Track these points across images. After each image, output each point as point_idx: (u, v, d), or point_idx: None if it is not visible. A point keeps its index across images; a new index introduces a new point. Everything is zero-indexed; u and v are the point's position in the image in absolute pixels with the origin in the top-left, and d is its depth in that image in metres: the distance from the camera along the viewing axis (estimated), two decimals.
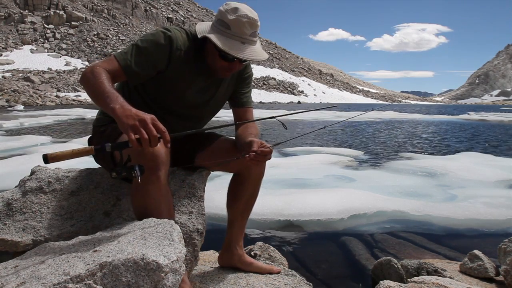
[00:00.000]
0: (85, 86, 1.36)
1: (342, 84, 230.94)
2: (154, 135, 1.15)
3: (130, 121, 1.17)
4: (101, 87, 1.29)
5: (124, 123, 1.17)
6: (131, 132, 1.15)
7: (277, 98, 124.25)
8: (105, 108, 1.26)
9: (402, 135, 12.79)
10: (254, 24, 1.49)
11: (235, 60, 1.52)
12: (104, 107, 1.27)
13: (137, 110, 1.21)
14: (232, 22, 1.46)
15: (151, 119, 1.18)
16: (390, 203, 3.74)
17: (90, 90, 1.33)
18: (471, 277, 2.12)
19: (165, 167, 1.31)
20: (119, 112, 1.20)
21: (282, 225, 3.26)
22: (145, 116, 1.18)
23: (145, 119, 1.17)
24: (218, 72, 1.59)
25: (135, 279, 1.00)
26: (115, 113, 1.21)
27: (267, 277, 1.74)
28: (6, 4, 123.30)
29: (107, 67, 1.39)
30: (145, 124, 1.16)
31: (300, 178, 5.00)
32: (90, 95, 1.35)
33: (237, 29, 1.46)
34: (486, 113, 38.42)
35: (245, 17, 1.46)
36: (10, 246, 1.50)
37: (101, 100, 1.28)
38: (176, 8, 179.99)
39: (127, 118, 1.18)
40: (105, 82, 1.30)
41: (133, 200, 1.38)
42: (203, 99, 1.67)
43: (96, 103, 1.33)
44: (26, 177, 1.71)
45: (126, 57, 1.44)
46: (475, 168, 5.77)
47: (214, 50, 1.52)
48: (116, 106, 1.22)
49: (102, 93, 1.28)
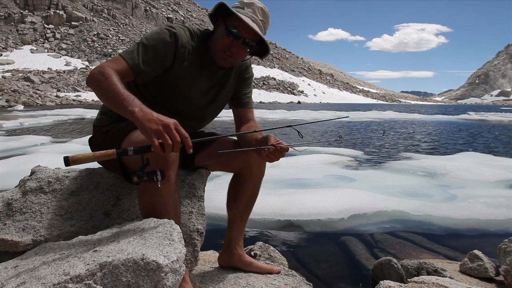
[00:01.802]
0: (95, 88, 1.32)
1: (342, 84, 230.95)
2: (177, 141, 1.16)
3: (153, 125, 1.16)
4: (114, 89, 1.27)
5: (147, 128, 1.16)
6: (154, 137, 1.15)
7: (277, 98, 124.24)
8: (122, 111, 1.24)
9: (402, 135, 12.78)
10: (265, 14, 1.55)
11: (239, 40, 1.52)
12: (121, 110, 1.25)
13: (158, 113, 1.20)
14: (247, 4, 1.53)
15: (174, 124, 1.18)
16: (390, 203, 3.73)
17: (101, 93, 1.30)
18: (471, 277, 2.12)
19: (174, 167, 1.32)
20: (140, 115, 1.19)
21: (282, 225, 3.26)
22: (168, 121, 1.18)
23: (168, 124, 1.16)
24: (218, 55, 1.57)
25: (135, 279, 1.00)
26: (135, 117, 1.19)
27: (267, 277, 1.74)
28: (6, 4, 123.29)
29: (115, 67, 1.36)
30: (168, 130, 1.16)
31: (300, 178, 5.00)
32: (102, 98, 1.32)
33: (250, 9, 1.52)
34: (486, 113, 38.43)
35: (259, 3, 1.55)
36: (10, 246, 1.50)
37: (116, 103, 1.25)
38: (176, 8, 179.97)
39: (149, 122, 1.17)
40: (118, 84, 1.28)
41: (141, 198, 1.37)
42: (206, 99, 1.67)
43: (109, 105, 1.31)
44: (26, 177, 1.71)
45: (133, 56, 1.42)
46: (475, 168, 5.77)
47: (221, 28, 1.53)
48: (136, 109, 1.20)
49: (117, 96, 1.25)
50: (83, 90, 71.99)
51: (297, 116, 25.53)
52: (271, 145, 1.41)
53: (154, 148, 1.15)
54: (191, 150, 1.19)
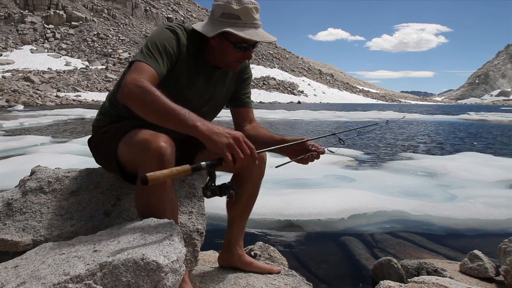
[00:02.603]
0: (138, 106, 1.27)
1: (342, 84, 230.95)
2: (247, 153, 1.18)
3: (223, 139, 1.18)
4: (164, 105, 1.23)
5: (218, 142, 1.17)
6: (227, 151, 1.16)
7: (277, 98, 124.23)
8: (181, 127, 1.22)
9: (402, 135, 12.79)
10: (257, 8, 1.51)
11: (249, 49, 1.52)
12: (179, 126, 1.22)
13: (220, 126, 1.22)
14: (240, 11, 1.45)
15: (242, 136, 1.20)
16: (390, 203, 3.73)
17: (148, 110, 1.26)
18: (471, 277, 2.12)
19: (170, 167, 1.32)
20: (205, 130, 1.19)
21: (282, 225, 3.26)
22: (237, 133, 1.20)
23: (238, 137, 1.18)
24: (231, 65, 1.58)
25: (135, 279, 1.00)
26: (200, 131, 1.19)
27: (267, 277, 1.74)
28: (6, 4, 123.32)
29: (149, 78, 1.32)
30: (239, 143, 1.18)
31: (300, 178, 5.00)
32: (149, 115, 1.27)
33: (247, 17, 1.46)
34: (486, 113, 38.42)
35: (250, 3, 1.47)
36: (10, 246, 1.50)
37: (172, 118, 1.22)
38: (176, 8, 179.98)
39: (218, 136, 1.18)
40: (164, 98, 1.24)
41: (137, 199, 1.37)
42: (203, 99, 1.66)
43: (160, 121, 1.26)
44: (26, 177, 1.71)
45: (155, 61, 1.39)
46: (475, 168, 5.77)
47: (226, 44, 1.50)
48: (197, 123, 1.20)
49: (170, 112, 1.22)
50: (83, 90, 72.06)
51: (297, 116, 25.53)
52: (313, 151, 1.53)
53: (227, 162, 1.17)
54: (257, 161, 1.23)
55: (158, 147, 1.27)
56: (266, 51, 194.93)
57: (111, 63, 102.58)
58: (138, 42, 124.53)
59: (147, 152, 1.27)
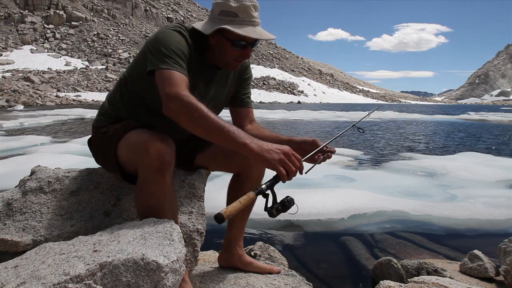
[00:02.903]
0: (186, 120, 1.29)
1: (342, 84, 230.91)
2: (297, 166, 1.24)
3: (275, 156, 1.22)
4: (213, 122, 1.26)
5: (270, 159, 1.22)
6: (280, 167, 1.21)
7: (277, 98, 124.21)
8: (231, 144, 1.25)
9: (402, 135, 12.79)
10: (256, 6, 1.49)
11: (247, 47, 1.52)
12: (229, 144, 1.26)
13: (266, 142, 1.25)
14: (238, 9, 1.44)
15: (290, 150, 1.25)
16: (390, 203, 3.73)
17: (198, 125, 1.28)
18: (471, 277, 2.12)
19: (170, 167, 1.32)
20: (255, 147, 1.23)
21: (282, 225, 3.26)
22: (286, 148, 1.25)
23: (288, 152, 1.24)
24: (229, 64, 1.57)
25: (135, 279, 1.00)
26: (250, 149, 1.23)
27: (267, 277, 1.74)
28: (6, 4, 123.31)
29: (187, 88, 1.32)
30: (289, 157, 1.23)
31: (300, 178, 4.99)
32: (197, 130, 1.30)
33: (245, 14, 1.45)
34: (486, 113, 38.42)
35: (248, 1, 1.45)
36: (10, 246, 1.50)
37: (222, 136, 1.25)
38: (176, 8, 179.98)
39: (269, 153, 1.23)
40: (211, 115, 1.27)
41: (137, 200, 1.37)
42: (205, 100, 1.66)
43: (209, 137, 1.30)
44: (26, 177, 1.71)
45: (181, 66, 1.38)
46: (475, 168, 5.77)
47: (224, 42, 1.49)
48: (247, 141, 1.24)
49: (220, 129, 1.25)
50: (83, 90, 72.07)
51: (297, 116, 25.54)
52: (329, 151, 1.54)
53: (282, 178, 1.22)
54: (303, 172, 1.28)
55: (158, 148, 1.27)
56: (266, 51, 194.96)
57: (111, 63, 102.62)
58: (138, 42, 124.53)
59: (147, 153, 1.27)
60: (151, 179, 1.29)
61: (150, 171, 1.29)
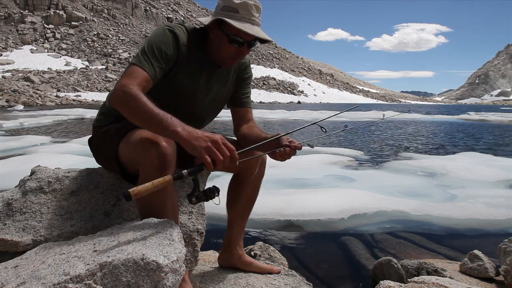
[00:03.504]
0: (125, 111, 1.31)
1: (342, 84, 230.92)
2: (227, 156, 1.20)
3: (202, 143, 1.20)
4: (147, 110, 1.26)
5: (197, 146, 1.20)
6: (206, 155, 1.18)
7: (277, 98, 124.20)
8: (163, 133, 1.25)
9: (402, 135, 12.79)
10: (259, 7, 1.50)
11: (243, 45, 1.51)
12: (161, 131, 1.26)
13: (200, 130, 1.24)
14: (240, 5, 1.46)
15: (221, 139, 1.22)
16: (390, 203, 3.74)
17: (133, 115, 1.29)
18: (471, 277, 2.12)
19: (171, 167, 1.32)
20: (185, 135, 1.22)
21: (282, 225, 3.26)
22: (215, 136, 1.22)
23: (217, 140, 1.20)
24: (225, 60, 1.57)
25: (135, 279, 1.00)
26: (181, 136, 1.22)
27: (267, 277, 1.74)
28: (6, 4, 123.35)
29: (138, 82, 1.33)
30: (218, 145, 1.20)
31: (300, 178, 5.00)
32: (134, 119, 1.30)
33: (245, 11, 1.46)
34: (486, 113, 38.42)
35: (251, 0, 1.47)
36: (10, 246, 1.50)
37: (154, 124, 1.26)
38: (176, 8, 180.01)
39: (197, 140, 1.20)
40: (149, 104, 1.27)
41: (138, 200, 1.37)
42: (206, 99, 1.66)
43: (144, 126, 1.30)
44: (26, 177, 1.71)
45: (149, 65, 1.40)
46: (475, 168, 5.77)
47: (222, 37, 1.49)
48: (178, 128, 1.23)
49: (153, 117, 1.25)
50: (83, 90, 72.07)
51: (297, 116, 25.53)
52: (286, 145, 1.44)
53: (207, 165, 1.19)
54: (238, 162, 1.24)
55: (160, 147, 1.27)
56: (266, 51, 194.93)
57: (111, 63, 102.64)
58: (138, 42, 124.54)
59: (148, 152, 1.27)
60: (152, 178, 1.29)
61: (151, 170, 1.29)
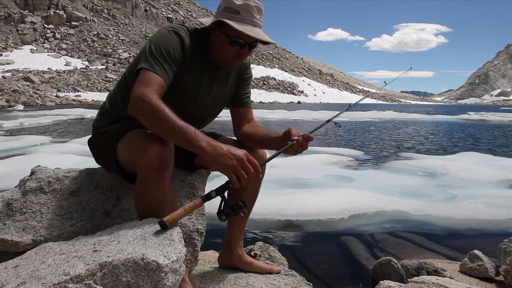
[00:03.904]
0: (146, 120, 1.29)
1: (342, 84, 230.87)
2: (251, 173, 1.23)
3: (228, 161, 1.22)
4: (171, 123, 1.25)
5: (223, 164, 1.22)
6: (232, 174, 1.22)
7: (277, 98, 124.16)
8: (187, 146, 1.26)
9: (402, 135, 12.79)
10: (260, 9, 1.50)
11: (245, 47, 1.51)
12: (185, 145, 1.26)
13: (225, 145, 1.25)
14: (241, 7, 1.45)
15: (245, 155, 1.24)
16: (390, 203, 3.73)
17: (155, 125, 1.28)
18: (471, 277, 2.12)
19: (169, 167, 1.32)
20: (210, 150, 1.23)
21: (282, 225, 3.26)
22: (240, 153, 1.24)
23: (242, 158, 1.23)
24: (226, 62, 1.57)
25: (135, 279, 1.00)
26: (206, 152, 1.24)
27: (267, 277, 1.74)
28: (6, 4, 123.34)
29: (157, 90, 1.32)
30: (242, 163, 1.23)
31: (300, 178, 5.00)
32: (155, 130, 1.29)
33: (246, 13, 1.46)
34: (486, 113, 38.41)
35: (253, 1, 1.47)
36: (10, 246, 1.50)
37: (178, 137, 1.26)
38: (176, 8, 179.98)
39: (223, 157, 1.23)
40: (172, 116, 1.26)
41: (136, 200, 1.37)
42: (207, 99, 1.66)
43: (167, 138, 1.29)
44: (26, 177, 1.71)
45: (162, 69, 1.38)
46: (475, 168, 5.77)
47: (223, 38, 1.49)
48: (203, 143, 1.24)
49: (177, 130, 1.25)
50: (83, 90, 72.08)
51: (297, 116, 25.52)
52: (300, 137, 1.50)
53: (234, 184, 1.23)
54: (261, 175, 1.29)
55: (157, 148, 1.27)
56: (266, 51, 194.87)
57: (111, 63, 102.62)
58: (138, 42, 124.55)
59: (146, 153, 1.27)
60: (150, 179, 1.29)
61: (149, 171, 1.29)
